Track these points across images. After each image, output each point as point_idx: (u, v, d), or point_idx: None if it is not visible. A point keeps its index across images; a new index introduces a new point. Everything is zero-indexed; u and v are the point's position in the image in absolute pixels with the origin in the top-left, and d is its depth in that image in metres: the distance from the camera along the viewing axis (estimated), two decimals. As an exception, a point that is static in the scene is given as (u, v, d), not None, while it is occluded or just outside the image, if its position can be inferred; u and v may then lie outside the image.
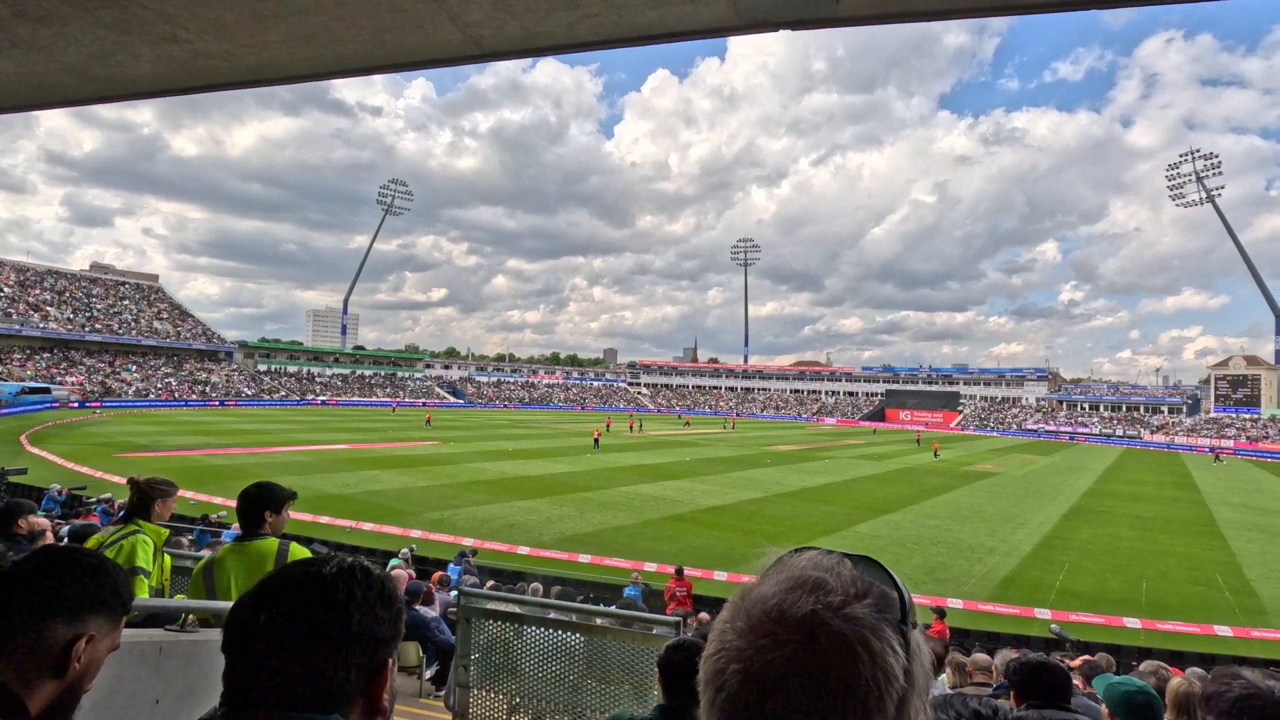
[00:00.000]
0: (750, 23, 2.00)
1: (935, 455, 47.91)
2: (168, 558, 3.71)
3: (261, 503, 3.18)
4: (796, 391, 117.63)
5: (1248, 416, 73.81)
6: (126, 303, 77.42)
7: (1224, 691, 1.24)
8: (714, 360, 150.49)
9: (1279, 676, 1.25)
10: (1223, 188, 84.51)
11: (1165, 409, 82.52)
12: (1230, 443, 66.82)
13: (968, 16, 1.84)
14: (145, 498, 3.49)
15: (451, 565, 12.08)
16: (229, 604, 2.95)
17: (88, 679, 1.20)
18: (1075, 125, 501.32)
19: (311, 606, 0.83)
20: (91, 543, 3.44)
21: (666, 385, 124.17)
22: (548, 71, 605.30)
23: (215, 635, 0.93)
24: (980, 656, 5.04)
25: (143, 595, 3.24)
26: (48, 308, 67.29)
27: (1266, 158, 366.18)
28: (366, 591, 0.86)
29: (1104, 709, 2.50)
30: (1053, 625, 12.32)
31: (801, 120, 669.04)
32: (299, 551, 3.14)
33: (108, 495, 13.33)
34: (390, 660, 0.87)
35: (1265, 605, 15.12)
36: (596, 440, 41.07)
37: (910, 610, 0.59)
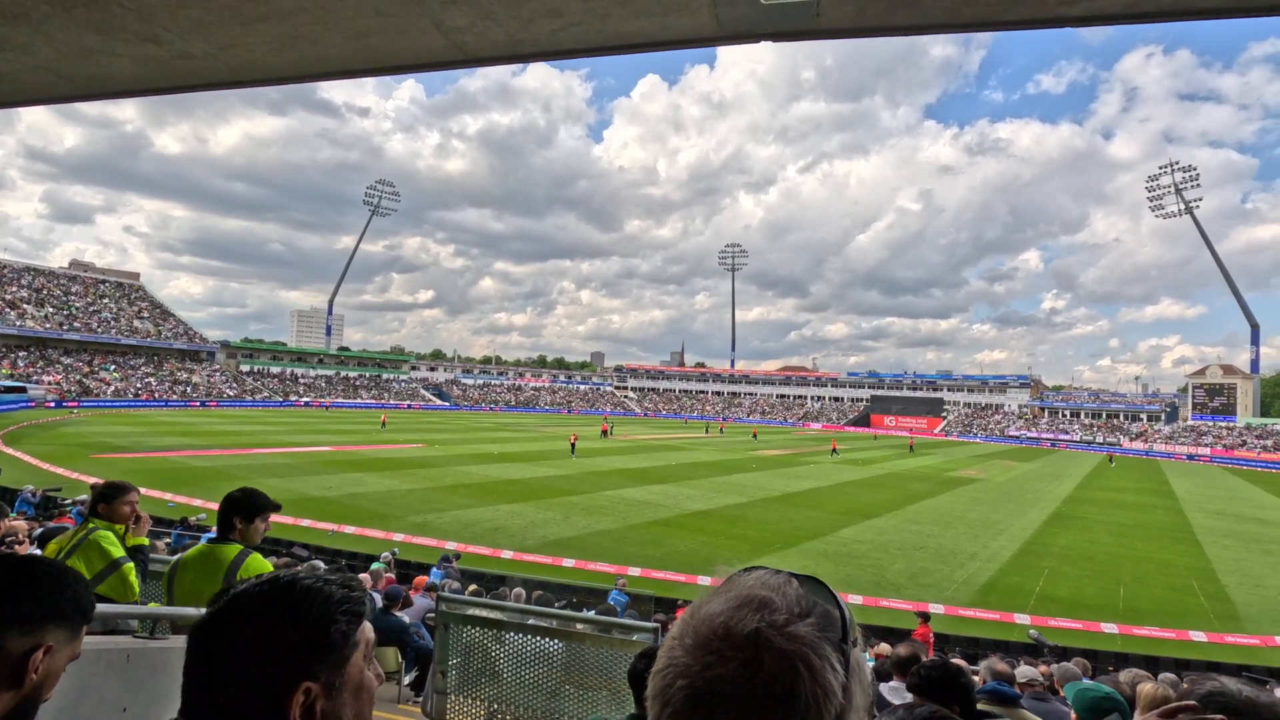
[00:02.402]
0: (732, 34, 2.03)
1: (834, 453, 48.21)
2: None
3: (233, 508, 3.06)
4: (783, 396, 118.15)
5: (1224, 425, 75.21)
6: (106, 301, 76.19)
7: (1195, 689, 1.37)
8: (701, 364, 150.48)
9: (1245, 685, 1.38)
10: (1200, 200, 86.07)
11: (1144, 416, 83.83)
12: (1207, 450, 68.15)
13: (944, 31, 1.88)
14: (94, 503, 3.41)
15: (434, 569, 12.00)
16: (185, 610, 2.87)
17: (46, 689, 1.18)
18: (1057, 137, 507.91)
19: (217, 621, 0.86)
20: (52, 546, 3.34)
21: (653, 389, 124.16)
22: (537, 75, 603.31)
23: (183, 643, 0.94)
24: (959, 663, 5.08)
25: (133, 580, 3.19)
26: (25, 305, 66.04)
27: (1242, 171, 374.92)
28: (265, 608, 0.86)
29: (1072, 715, 2.53)
30: (1031, 630, 12.48)
31: (789, 128, 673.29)
32: (257, 563, 3.00)
33: (83, 497, 13.10)
34: (311, 685, 0.83)
35: (1239, 611, 15.39)
36: (573, 445, 40.91)
37: (851, 629, 0.61)
